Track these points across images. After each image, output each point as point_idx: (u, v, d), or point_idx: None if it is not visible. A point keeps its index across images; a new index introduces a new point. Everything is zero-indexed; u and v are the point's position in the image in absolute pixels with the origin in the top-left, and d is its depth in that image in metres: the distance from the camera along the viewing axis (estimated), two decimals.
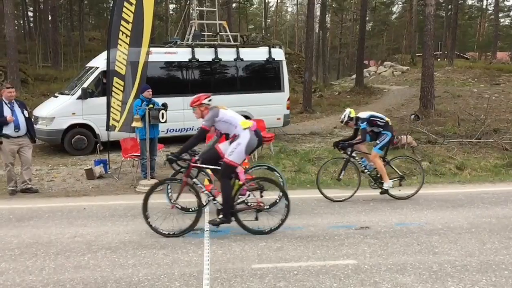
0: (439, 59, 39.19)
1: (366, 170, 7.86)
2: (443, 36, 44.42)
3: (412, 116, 16.79)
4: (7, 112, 7.84)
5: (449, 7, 43.66)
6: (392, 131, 7.82)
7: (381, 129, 7.73)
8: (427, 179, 9.53)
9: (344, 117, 7.86)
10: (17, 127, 7.90)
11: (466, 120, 15.74)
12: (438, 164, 10.66)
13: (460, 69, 32.32)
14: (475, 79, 28.99)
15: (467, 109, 17.90)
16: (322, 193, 7.73)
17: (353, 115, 7.81)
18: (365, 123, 7.60)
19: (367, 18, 36.28)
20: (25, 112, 8.12)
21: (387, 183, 7.69)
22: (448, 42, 39.14)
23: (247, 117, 12.87)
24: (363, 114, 7.76)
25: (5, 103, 7.90)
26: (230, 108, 6.22)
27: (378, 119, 7.74)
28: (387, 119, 7.87)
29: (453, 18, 36.48)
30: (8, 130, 7.84)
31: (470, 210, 7.22)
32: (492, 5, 55.46)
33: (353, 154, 7.81)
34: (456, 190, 8.70)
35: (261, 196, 6.12)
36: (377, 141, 7.74)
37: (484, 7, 58.40)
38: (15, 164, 8.17)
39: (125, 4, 8.92)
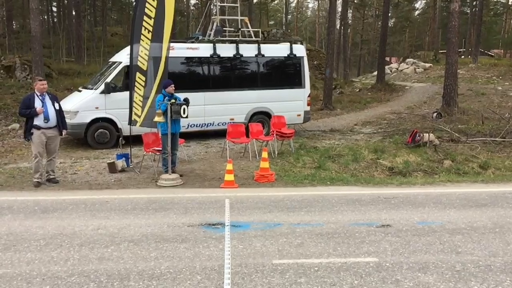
0: (462, 56, 38.51)
1: None
2: (467, 33, 43.63)
3: (435, 114, 16.57)
4: (37, 103, 8.14)
5: (474, 3, 42.85)
6: None
7: None
8: (450, 178, 9.43)
9: None
10: (46, 118, 8.16)
11: (490, 118, 15.47)
12: (461, 163, 10.50)
13: (484, 67, 31.81)
14: (500, 77, 28.49)
15: (491, 108, 17.59)
16: None
17: None
18: None
19: (389, 14, 35.80)
20: (56, 104, 8.37)
21: None
22: (472, 39, 38.41)
23: (266, 114, 13.23)
24: None
25: (37, 95, 8.21)
26: (250, 104, 6.12)
27: None
28: None
29: (478, 14, 35.78)
30: (38, 121, 8.12)
31: (494, 209, 7.10)
32: None
33: None
34: (480, 189, 8.56)
35: None
36: None
37: (510, 3, 57.14)
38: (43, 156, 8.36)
39: None
